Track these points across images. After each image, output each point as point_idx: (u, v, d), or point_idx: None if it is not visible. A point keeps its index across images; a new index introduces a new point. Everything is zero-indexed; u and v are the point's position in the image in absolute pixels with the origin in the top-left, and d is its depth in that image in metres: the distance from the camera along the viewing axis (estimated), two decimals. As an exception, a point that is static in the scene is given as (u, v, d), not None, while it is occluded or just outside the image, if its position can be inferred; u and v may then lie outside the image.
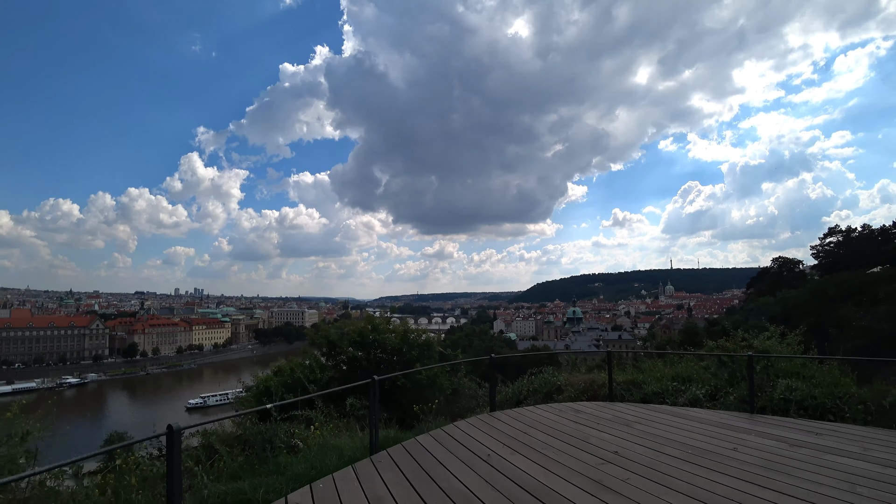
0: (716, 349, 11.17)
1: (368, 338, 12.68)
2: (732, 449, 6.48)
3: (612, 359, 10.04)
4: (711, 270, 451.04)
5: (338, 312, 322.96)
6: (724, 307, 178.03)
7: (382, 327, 13.20)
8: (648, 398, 9.92)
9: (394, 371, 11.66)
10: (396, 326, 13.85)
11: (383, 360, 12.52)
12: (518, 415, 8.66)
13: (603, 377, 10.56)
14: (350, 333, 13.12)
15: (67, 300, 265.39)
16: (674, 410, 8.78)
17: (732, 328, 12.12)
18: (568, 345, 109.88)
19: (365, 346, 12.70)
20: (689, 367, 11.07)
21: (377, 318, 13.76)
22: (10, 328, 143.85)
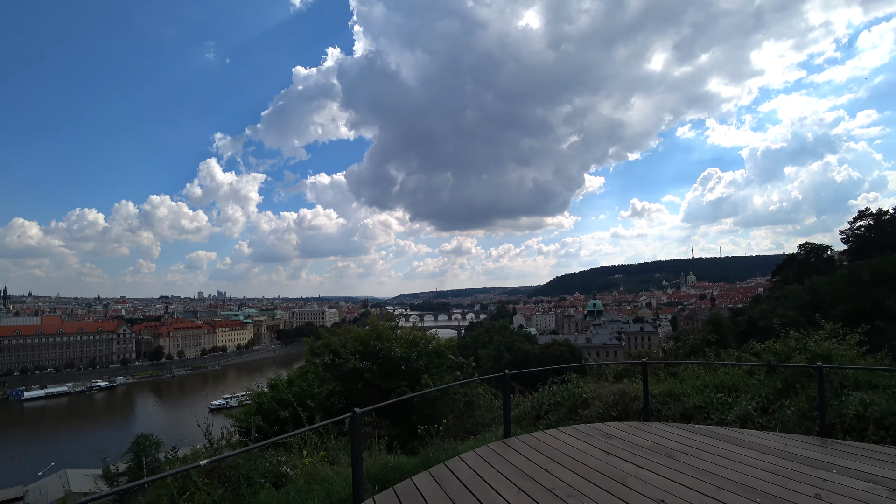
0: (766, 353, 9.47)
1: (372, 346, 11.84)
2: (814, 496, 4.77)
3: (647, 370, 8.34)
4: (734, 259, 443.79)
5: (358, 311, 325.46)
6: (748, 296, 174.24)
7: (387, 334, 12.33)
8: (690, 414, 8.23)
9: (400, 382, 11.07)
10: (404, 332, 12.95)
11: (389, 371, 11.67)
12: (537, 442, 6.86)
13: (635, 387, 9.18)
14: (351, 342, 12.27)
15: (96, 306, 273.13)
16: (724, 433, 6.94)
17: (759, 317, 11.46)
18: (589, 338, 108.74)
19: (368, 356, 11.87)
20: (733, 372, 9.61)
21: (381, 325, 12.80)
22: (42, 335, 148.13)
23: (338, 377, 11.76)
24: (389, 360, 11.61)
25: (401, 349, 11.74)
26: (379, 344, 11.79)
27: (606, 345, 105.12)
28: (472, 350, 78.67)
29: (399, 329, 13.61)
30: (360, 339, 12.01)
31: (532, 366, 70.10)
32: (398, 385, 10.85)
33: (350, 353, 11.90)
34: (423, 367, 11.61)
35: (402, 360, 11.60)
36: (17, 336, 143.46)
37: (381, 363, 11.65)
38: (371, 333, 12.15)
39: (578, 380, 10.42)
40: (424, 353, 11.91)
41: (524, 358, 71.42)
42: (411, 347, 11.92)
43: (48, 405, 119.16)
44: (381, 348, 11.70)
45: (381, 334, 12.18)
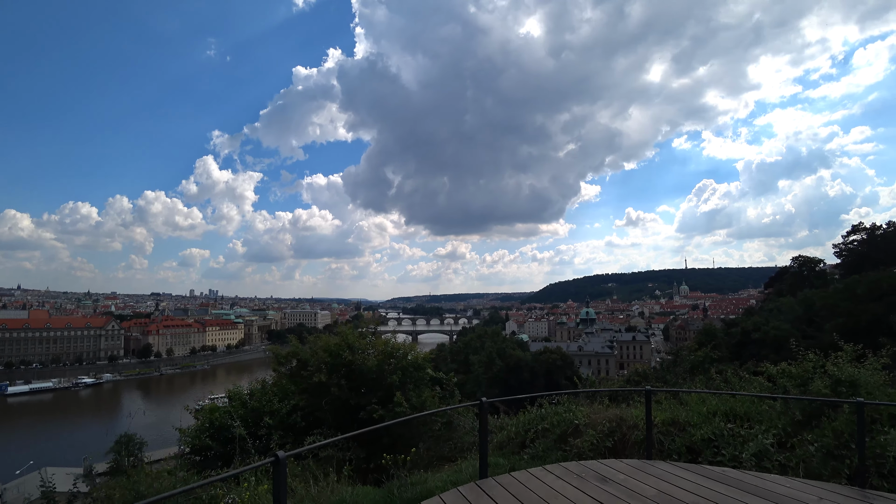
0: (782, 378, 8.17)
1: (342, 358, 10.71)
2: None
3: (651, 400, 6.84)
4: (727, 270, 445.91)
5: (350, 314, 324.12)
6: (740, 308, 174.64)
7: (359, 345, 11.29)
8: (697, 448, 6.96)
9: (371, 398, 10.04)
10: (378, 341, 11.93)
11: (360, 385, 10.63)
12: (518, 486, 5.55)
13: (634, 413, 8.03)
14: (320, 352, 11.24)
15: (85, 301, 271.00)
16: (742, 479, 5.69)
17: (753, 329, 11.03)
18: (581, 346, 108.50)
19: (337, 368, 10.83)
20: (744, 397, 8.44)
21: (353, 334, 11.66)
22: (29, 329, 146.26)
23: (302, 391, 10.73)
24: (360, 373, 10.62)
25: (374, 361, 10.73)
26: (349, 355, 10.74)
27: (598, 353, 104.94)
28: (463, 355, 78.19)
29: (373, 336, 12.65)
30: (328, 350, 11.03)
31: (524, 373, 69.68)
32: (369, 402, 9.93)
33: (317, 364, 10.84)
34: (398, 383, 10.50)
35: (374, 374, 10.64)
36: (3, 329, 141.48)
37: (352, 377, 10.68)
38: (342, 343, 11.12)
39: (570, 402, 9.16)
40: (399, 367, 10.85)
41: (516, 365, 70.97)
42: (386, 359, 10.95)
43: (32, 401, 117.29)
44: (351, 360, 10.65)
45: (353, 345, 11.19)
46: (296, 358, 11.60)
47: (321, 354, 11.11)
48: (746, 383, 9.12)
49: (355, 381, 10.60)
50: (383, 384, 10.45)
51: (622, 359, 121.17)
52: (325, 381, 10.34)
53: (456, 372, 61.61)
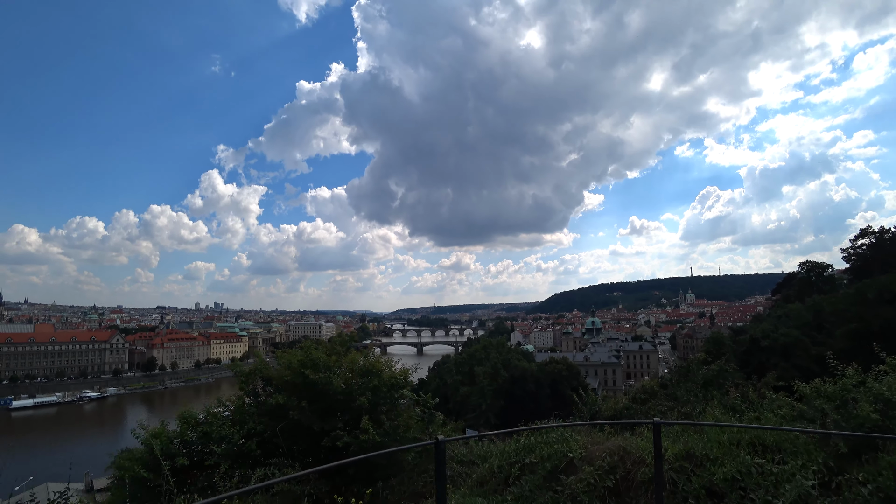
0: (817, 398, 6.66)
1: (304, 377, 9.65)
2: None
3: (660, 434, 5.20)
4: (733, 277, 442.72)
5: (355, 325, 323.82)
6: (747, 314, 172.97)
7: (325, 363, 10.16)
8: (720, 491, 5.51)
9: (336, 424, 8.98)
10: (352, 357, 10.80)
11: (326, 408, 9.54)
12: None
13: (640, 445, 6.47)
14: (283, 370, 10.30)
15: (91, 315, 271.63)
16: None
17: (761, 336, 10.36)
18: (587, 356, 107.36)
19: (301, 389, 9.84)
20: (770, 419, 6.92)
21: (317, 352, 10.55)
22: (34, 342, 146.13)
23: (262, 413, 9.67)
24: (325, 394, 9.58)
25: (340, 381, 9.71)
26: (313, 374, 9.67)
27: (605, 363, 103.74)
28: (468, 366, 77.38)
29: (344, 351, 11.64)
30: (291, 368, 10.04)
31: (529, 384, 68.76)
32: (334, 427, 8.90)
33: (280, 383, 9.94)
34: (368, 405, 9.35)
35: (341, 395, 9.58)
36: (9, 343, 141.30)
37: (315, 398, 9.63)
38: (305, 360, 10.09)
39: (563, 430, 7.88)
40: (370, 387, 9.72)
41: (521, 376, 70.07)
42: (356, 378, 9.93)
43: (36, 415, 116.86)
44: (315, 380, 9.62)
45: (318, 362, 10.15)
46: (260, 376, 10.51)
47: (284, 373, 10.22)
48: (772, 404, 7.58)
49: (319, 403, 9.56)
50: (352, 406, 9.39)
51: (629, 368, 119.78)
52: (284, 403, 9.39)
53: (461, 383, 60.61)
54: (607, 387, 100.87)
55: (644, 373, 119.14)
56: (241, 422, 9.75)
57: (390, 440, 8.71)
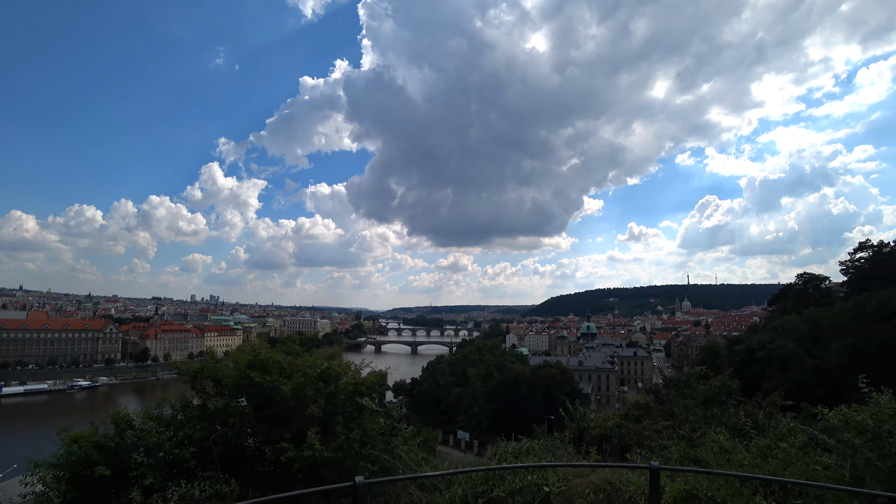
0: (846, 430, 5.61)
1: (251, 380, 8.65)
2: None
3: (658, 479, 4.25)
4: (729, 286, 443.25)
5: (350, 323, 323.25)
6: (743, 324, 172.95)
7: (277, 365, 9.16)
8: None
9: (283, 434, 8.01)
10: (307, 360, 9.61)
11: (273, 415, 8.55)
12: None
13: (632, 480, 5.25)
14: (231, 370, 9.38)
15: (86, 304, 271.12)
16: None
17: (757, 347, 9.81)
18: (581, 361, 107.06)
19: (247, 391, 8.85)
20: (786, 451, 5.78)
21: (265, 352, 9.56)
22: (26, 329, 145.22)
23: (203, 418, 8.57)
24: (274, 400, 8.56)
25: (289, 386, 8.57)
26: (258, 376, 8.63)
27: (599, 368, 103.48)
28: (461, 368, 77.13)
29: (304, 352, 10.61)
30: (238, 369, 9.09)
31: (522, 388, 68.46)
32: (280, 438, 7.93)
33: (224, 386, 8.92)
34: (321, 415, 8.31)
35: (290, 402, 8.48)
36: (1, 329, 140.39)
37: (263, 404, 8.65)
38: (253, 360, 9.09)
39: (542, 450, 6.66)
40: (325, 395, 8.67)
41: (514, 379, 69.76)
42: (310, 383, 8.81)
43: (26, 402, 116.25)
44: (261, 383, 8.59)
45: (267, 364, 9.08)
46: (210, 377, 9.22)
47: (229, 373, 9.19)
48: (786, 432, 6.56)
49: (267, 410, 8.59)
50: (303, 416, 8.35)
51: (623, 374, 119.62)
52: (224, 408, 8.37)
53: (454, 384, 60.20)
54: (601, 392, 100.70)
55: (638, 379, 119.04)
56: (178, 426, 8.64)
57: (343, 456, 7.70)
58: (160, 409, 9.47)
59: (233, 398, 8.77)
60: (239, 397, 8.86)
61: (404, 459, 7.44)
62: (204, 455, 7.95)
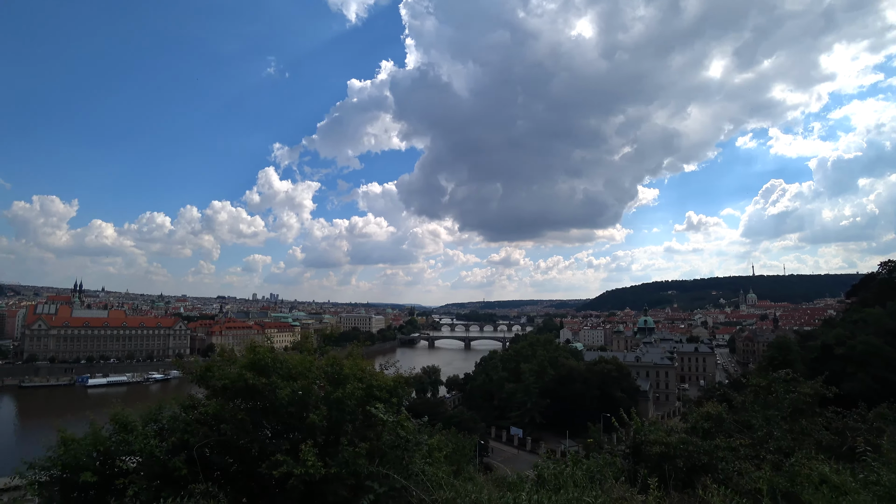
0: None
1: (244, 381, 7.94)
2: None
3: None
4: (799, 277, 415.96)
5: (404, 319, 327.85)
6: (816, 318, 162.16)
7: (271, 364, 8.28)
8: None
9: (282, 444, 7.23)
10: (296, 358, 8.66)
11: (270, 423, 7.85)
12: None
13: None
14: (219, 369, 8.60)
15: (158, 303, 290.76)
16: None
17: (835, 342, 8.23)
18: (638, 356, 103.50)
19: (245, 395, 8.07)
20: None
21: (263, 349, 8.80)
22: (108, 327, 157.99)
23: (200, 423, 7.95)
24: (272, 405, 7.79)
25: (288, 390, 7.68)
26: (253, 378, 7.85)
27: (657, 364, 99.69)
28: (514, 363, 76.39)
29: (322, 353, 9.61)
30: (235, 367, 8.42)
31: (576, 384, 67.10)
32: (278, 448, 7.17)
33: (221, 389, 8.17)
34: (322, 423, 7.46)
35: (290, 407, 7.70)
36: (86, 327, 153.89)
37: (261, 409, 7.93)
38: (251, 360, 8.38)
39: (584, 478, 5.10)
40: (333, 399, 7.74)
41: (568, 375, 68.48)
42: (313, 386, 7.97)
43: (109, 392, 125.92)
44: (257, 385, 7.82)
45: (264, 364, 8.28)
46: (222, 380, 8.38)
47: (222, 374, 8.31)
48: None
49: (264, 416, 7.85)
50: (304, 424, 7.50)
51: (683, 371, 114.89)
52: (217, 412, 7.75)
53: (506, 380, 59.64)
54: (659, 390, 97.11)
55: (700, 377, 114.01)
56: (171, 430, 7.97)
57: (348, 472, 6.69)
58: (160, 411, 8.72)
59: (229, 402, 8.05)
60: (237, 400, 8.10)
61: (421, 479, 5.89)
62: (200, 464, 7.31)
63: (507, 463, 60.99)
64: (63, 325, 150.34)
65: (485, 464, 56.97)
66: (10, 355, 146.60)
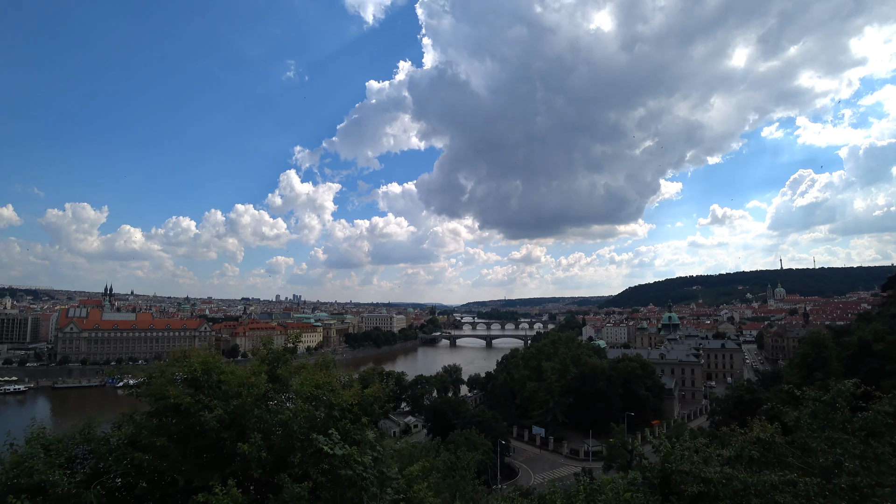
0: None
1: (168, 400, 6.73)
2: None
3: None
4: (830, 270, 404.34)
5: (425, 318, 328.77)
6: (849, 312, 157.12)
7: (201, 375, 7.12)
8: None
9: (209, 476, 5.97)
10: (230, 369, 7.53)
11: (203, 448, 6.50)
12: None
13: None
14: (155, 383, 7.42)
15: (184, 305, 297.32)
16: None
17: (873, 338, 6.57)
18: (663, 354, 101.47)
19: (175, 416, 6.83)
20: None
21: (205, 355, 7.76)
22: (136, 329, 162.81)
23: (131, 444, 6.73)
24: (200, 429, 6.48)
25: (219, 411, 6.39)
26: (175, 394, 6.63)
27: (682, 362, 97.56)
28: (536, 361, 75.58)
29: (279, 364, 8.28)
30: (165, 375, 7.34)
31: (599, 382, 65.92)
32: (208, 479, 5.85)
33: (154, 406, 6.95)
34: (264, 455, 5.97)
35: (225, 433, 6.39)
36: (116, 329, 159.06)
37: (184, 434, 6.61)
38: (189, 368, 7.19)
39: None
40: (273, 424, 6.42)
41: (591, 373, 67.36)
42: (250, 405, 6.62)
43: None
44: (183, 405, 6.50)
45: (197, 375, 7.05)
46: (150, 396, 7.19)
47: (152, 386, 7.20)
48: None
49: (193, 442, 6.54)
50: (232, 455, 6.13)
51: (709, 368, 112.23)
52: (135, 436, 6.55)
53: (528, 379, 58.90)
54: (685, 387, 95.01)
55: (727, 374, 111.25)
56: (86, 457, 6.86)
57: None
58: (89, 428, 7.43)
59: (162, 422, 6.76)
60: (174, 420, 6.86)
61: None
62: (118, 498, 6.19)
63: (529, 463, 60.34)
64: (94, 328, 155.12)
65: (506, 464, 56.42)
66: (44, 357, 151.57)
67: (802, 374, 34.49)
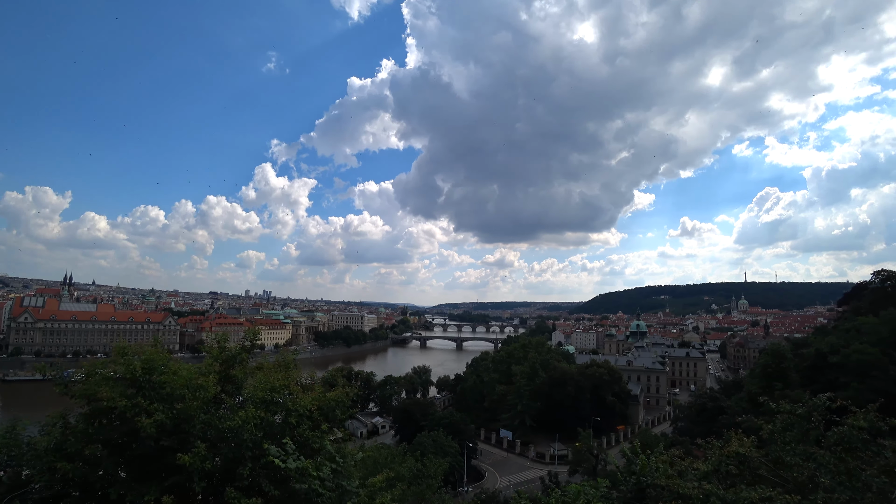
0: None
1: (100, 405, 6.22)
2: None
3: None
4: (791, 284, 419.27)
5: (396, 318, 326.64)
6: (806, 325, 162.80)
7: (140, 374, 6.59)
8: None
9: (149, 488, 5.48)
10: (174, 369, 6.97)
11: (142, 456, 5.94)
12: None
13: None
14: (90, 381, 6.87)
15: (149, 297, 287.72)
16: None
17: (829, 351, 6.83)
18: (630, 360, 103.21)
19: (108, 418, 6.31)
20: None
21: (151, 351, 7.35)
22: (95, 321, 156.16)
23: (58, 452, 6.16)
24: (136, 438, 5.92)
25: (159, 417, 5.83)
26: (110, 396, 6.11)
27: (648, 369, 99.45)
28: (506, 365, 75.79)
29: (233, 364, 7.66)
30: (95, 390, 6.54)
31: (568, 387, 66.41)
32: (144, 494, 5.40)
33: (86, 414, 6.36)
34: (207, 467, 5.42)
35: (165, 441, 5.87)
36: (74, 321, 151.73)
37: (119, 442, 6.10)
38: (126, 369, 6.57)
39: None
40: (220, 430, 5.88)
41: (560, 378, 67.86)
42: (192, 412, 6.03)
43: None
44: (112, 408, 6.03)
45: (137, 376, 6.54)
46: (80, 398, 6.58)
47: (85, 385, 6.58)
48: None
49: (129, 450, 6.02)
50: (173, 465, 5.52)
51: (674, 376, 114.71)
52: (59, 444, 5.98)
53: (498, 382, 59.10)
54: (650, 394, 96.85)
55: (690, 381, 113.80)
56: (3, 466, 6.35)
57: None
58: (13, 432, 6.78)
59: (84, 432, 6.07)
60: (116, 423, 6.25)
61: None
62: (59, 500, 5.64)
63: (496, 466, 60.36)
64: (50, 319, 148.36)
65: (473, 466, 56.31)
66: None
67: (763, 384, 35.46)
